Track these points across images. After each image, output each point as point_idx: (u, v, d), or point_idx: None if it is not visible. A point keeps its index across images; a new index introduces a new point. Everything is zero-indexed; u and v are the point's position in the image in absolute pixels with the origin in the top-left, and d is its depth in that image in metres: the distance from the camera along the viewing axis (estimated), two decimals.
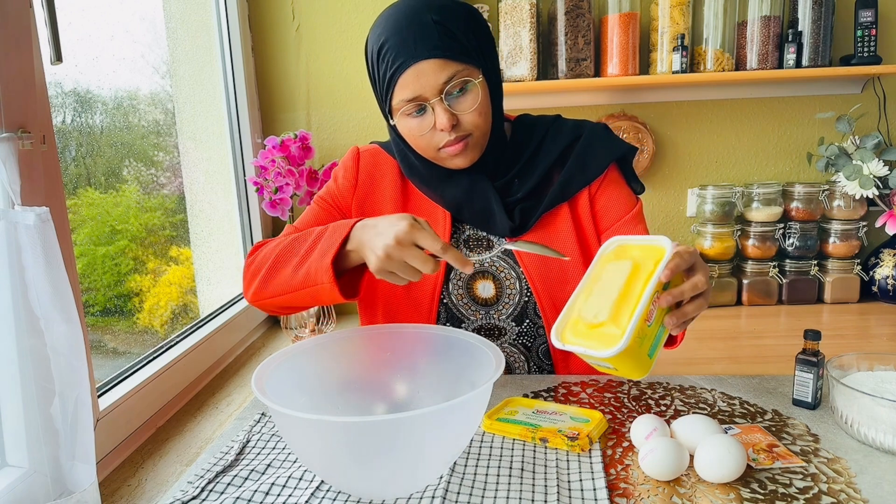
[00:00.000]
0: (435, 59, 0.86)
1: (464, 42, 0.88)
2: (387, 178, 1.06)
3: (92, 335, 1.32)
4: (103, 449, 1.06)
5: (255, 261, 0.96)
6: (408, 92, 0.88)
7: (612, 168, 1.03)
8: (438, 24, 0.86)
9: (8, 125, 0.86)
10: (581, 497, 0.68)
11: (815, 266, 1.94)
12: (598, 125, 1.04)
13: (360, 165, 1.07)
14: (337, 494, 0.71)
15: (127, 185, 1.49)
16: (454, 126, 0.90)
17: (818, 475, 0.70)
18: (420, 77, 0.87)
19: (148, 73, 1.61)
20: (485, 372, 0.72)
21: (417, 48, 0.86)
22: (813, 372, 0.85)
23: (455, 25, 0.88)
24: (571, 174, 1.00)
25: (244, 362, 1.60)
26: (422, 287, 1.03)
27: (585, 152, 1.00)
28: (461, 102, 0.90)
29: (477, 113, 0.91)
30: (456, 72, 0.87)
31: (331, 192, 1.08)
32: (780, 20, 1.81)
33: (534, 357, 1.06)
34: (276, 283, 0.91)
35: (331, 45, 1.98)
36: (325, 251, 0.85)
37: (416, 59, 0.86)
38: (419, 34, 0.86)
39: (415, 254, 0.76)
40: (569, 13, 1.79)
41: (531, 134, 1.03)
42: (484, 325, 1.04)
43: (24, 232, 0.78)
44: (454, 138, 0.91)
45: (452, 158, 0.94)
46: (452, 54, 0.87)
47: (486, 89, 0.92)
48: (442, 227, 1.03)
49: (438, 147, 0.93)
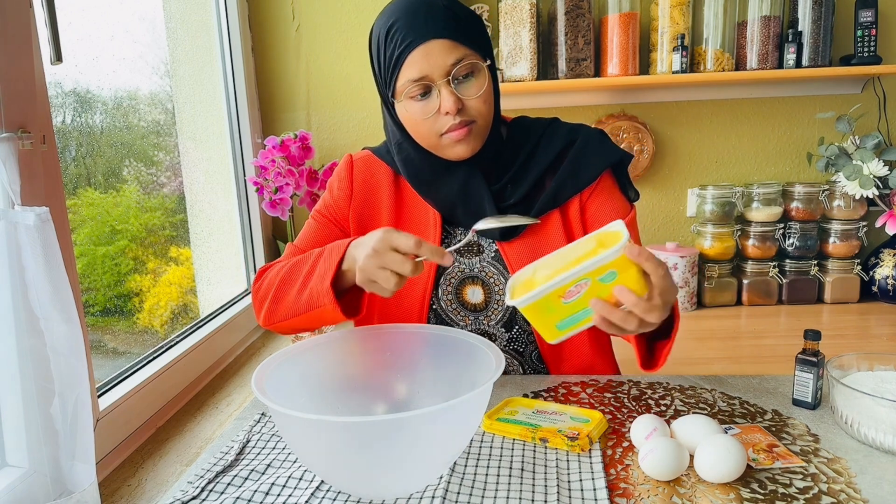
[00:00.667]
0: (445, 40, 0.87)
1: (472, 29, 0.90)
2: (381, 184, 1.06)
3: (92, 335, 1.32)
4: (103, 449, 1.06)
5: (261, 287, 0.98)
6: (415, 71, 0.88)
7: (607, 174, 1.02)
8: (448, 9, 0.88)
9: (8, 125, 0.86)
10: (581, 497, 0.68)
11: (815, 266, 1.94)
12: (593, 130, 1.03)
13: (355, 174, 1.07)
14: (337, 494, 0.71)
15: (127, 185, 1.49)
16: (459, 110, 0.89)
17: (818, 475, 0.70)
18: (429, 56, 0.87)
19: (148, 73, 1.61)
20: (485, 372, 0.72)
21: (428, 27, 0.87)
22: (813, 372, 0.85)
23: (464, 12, 0.90)
24: (563, 181, 0.99)
25: (244, 362, 1.60)
26: (412, 293, 1.02)
27: (578, 159, 1.00)
28: (468, 87, 0.90)
29: (482, 100, 0.91)
30: (465, 55, 0.88)
31: (327, 205, 1.08)
32: (780, 20, 1.81)
33: (528, 362, 1.06)
34: (282, 308, 0.93)
35: (331, 45, 1.98)
36: (324, 274, 0.86)
37: (426, 38, 0.86)
38: (430, 14, 0.87)
39: (392, 258, 0.77)
40: (569, 13, 1.79)
41: (527, 137, 1.02)
42: (474, 332, 1.03)
43: (24, 232, 0.78)
44: (458, 122, 0.90)
45: (454, 145, 0.92)
46: (462, 37, 0.88)
47: (490, 79, 0.92)
48: (433, 233, 1.02)
49: (441, 133, 0.91)
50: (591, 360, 1.05)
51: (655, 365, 0.88)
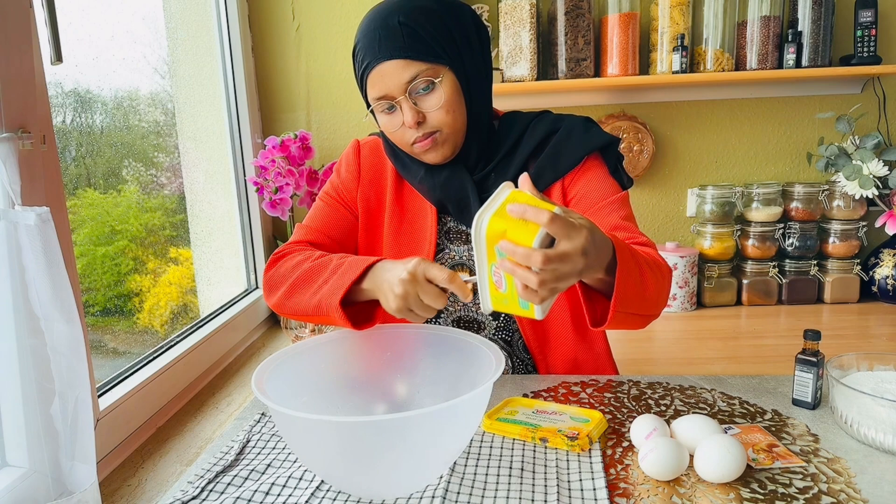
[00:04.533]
0: (397, 60, 0.89)
1: (429, 42, 0.89)
2: (386, 170, 1.09)
3: (92, 335, 1.32)
4: (103, 449, 1.06)
5: (275, 275, 0.99)
6: (376, 91, 0.92)
7: (594, 159, 1.00)
8: (404, 26, 0.88)
9: (8, 125, 0.86)
10: (581, 497, 0.68)
11: (814, 266, 1.94)
12: (578, 118, 1.03)
13: (362, 157, 1.10)
14: (337, 494, 0.71)
15: (127, 186, 1.49)
16: (420, 123, 0.92)
17: (818, 475, 0.70)
18: (384, 77, 0.90)
19: (148, 74, 1.61)
20: (485, 372, 0.72)
21: (381, 49, 0.89)
22: (813, 372, 0.85)
23: (422, 26, 0.89)
24: (543, 168, 0.99)
25: (244, 362, 1.60)
26: None
27: (559, 146, 1.00)
28: (427, 100, 0.91)
29: (444, 111, 0.92)
30: (419, 71, 0.89)
31: (335, 186, 1.10)
32: (780, 20, 1.81)
33: (516, 352, 1.07)
34: (293, 302, 0.95)
35: (331, 45, 1.98)
36: (337, 288, 0.87)
37: (380, 60, 0.89)
38: (384, 36, 0.89)
39: (427, 289, 0.79)
40: (569, 13, 1.79)
41: (512, 127, 1.03)
42: (463, 317, 1.05)
43: (24, 232, 0.78)
44: (422, 135, 0.93)
45: (424, 154, 0.96)
46: (415, 54, 0.89)
47: (454, 86, 0.92)
48: (430, 220, 1.05)
49: (410, 143, 0.95)
50: (575, 352, 1.05)
51: (604, 322, 0.80)
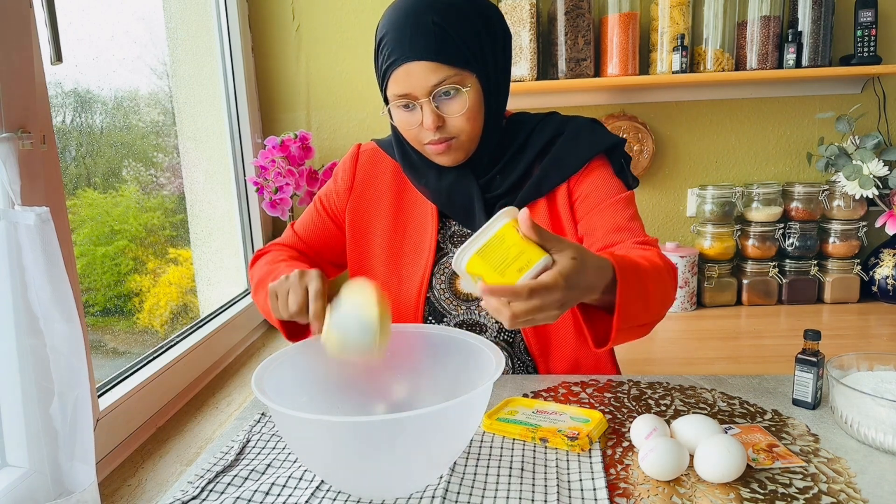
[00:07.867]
0: (427, 62, 0.87)
1: (461, 47, 0.88)
2: (383, 177, 1.08)
3: (92, 335, 1.32)
4: (103, 449, 1.06)
5: (251, 272, 1.06)
6: (399, 88, 0.90)
7: (599, 160, 1.01)
8: (437, 26, 0.86)
9: (8, 125, 0.86)
10: (581, 497, 0.68)
11: (814, 266, 1.94)
12: (584, 119, 1.03)
13: (359, 165, 1.10)
14: (337, 494, 0.71)
15: (127, 186, 1.49)
16: (439, 127, 0.91)
17: (818, 475, 0.70)
18: (410, 77, 0.88)
19: (148, 74, 1.61)
20: (485, 372, 0.72)
21: (412, 48, 0.87)
22: (813, 372, 0.85)
23: (456, 29, 0.87)
24: (547, 170, 0.99)
25: (244, 362, 1.60)
26: (410, 283, 1.05)
27: (565, 147, 1.00)
28: (449, 105, 0.91)
29: (465, 118, 0.91)
30: (447, 76, 0.88)
31: (328, 194, 1.11)
32: (780, 20, 1.81)
33: (517, 354, 1.07)
34: (257, 300, 1.01)
35: (331, 45, 1.98)
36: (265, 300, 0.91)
37: (408, 59, 0.87)
38: (415, 34, 0.86)
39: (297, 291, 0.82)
40: (569, 13, 1.79)
41: (520, 129, 1.03)
42: (466, 321, 1.05)
43: (24, 232, 0.78)
44: (438, 139, 0.92)
45: (437, 156, 0.96)
46: (445, 59, 0.87)
47: (478, 94, 0.92)
48: (431, 226, 1.04)
49: (424, 143, 0.95)
50: (577, 354, 1.05)
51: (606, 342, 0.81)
